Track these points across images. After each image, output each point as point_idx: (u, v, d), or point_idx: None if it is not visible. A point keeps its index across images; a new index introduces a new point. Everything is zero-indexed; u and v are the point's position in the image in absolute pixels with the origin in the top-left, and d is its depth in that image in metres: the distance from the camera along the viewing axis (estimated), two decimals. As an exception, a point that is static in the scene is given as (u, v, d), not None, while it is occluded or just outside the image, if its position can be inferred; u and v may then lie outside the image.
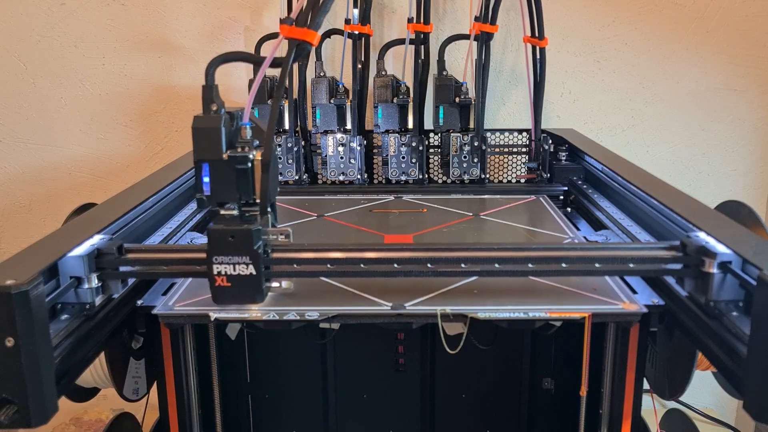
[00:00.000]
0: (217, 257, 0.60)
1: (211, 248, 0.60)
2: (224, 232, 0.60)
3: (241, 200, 0.63)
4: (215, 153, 0.61)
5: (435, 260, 0.63)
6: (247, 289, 0.62)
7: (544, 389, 1.00)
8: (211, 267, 0.61)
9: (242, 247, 0.60)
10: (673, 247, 0.63)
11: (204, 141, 0.61)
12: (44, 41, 1.31)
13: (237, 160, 0.61)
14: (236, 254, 0.60)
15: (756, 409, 0.51)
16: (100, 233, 0.66)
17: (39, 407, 0.51)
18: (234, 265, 0.61)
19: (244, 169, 0.61)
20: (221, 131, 0.61)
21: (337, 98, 1.13)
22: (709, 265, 0.59)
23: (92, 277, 0.61)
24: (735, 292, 0.58)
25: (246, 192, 0.62)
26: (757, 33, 1.26)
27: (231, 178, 0.62)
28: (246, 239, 0.60)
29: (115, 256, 0.62)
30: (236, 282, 0.61)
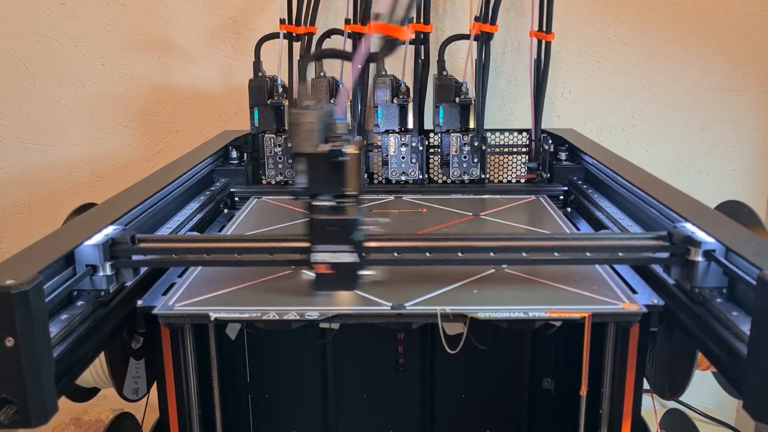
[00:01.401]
0: (318, 246, 0.64)
1: (313, 237, 0.64)
2: (326, 222, 0.63)
3: (333, 191, 0.65)
4: (311, 146, 0.64)
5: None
6: (347, 277, 0.65)
7: (544, 389, 1.00)
8: (312, 255, 0.64)
9: (343, 236, 0.63)
10: (660, 236, 0.66)
11: (301, 135, 0.64)
12: (44, 41, 1.31)
13: (333, 153, 0.63)
14: (337, 243, 0.63)
15: (756, 409, 0.51)
16: (113, 224, 0.68)
17: (39, 407, 0.51)
18: (334, 253, 0.64)
19: (339, 162, 0.64)
20: (317, 126, 0.64)
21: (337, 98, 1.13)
22: (694, 254, 0.62)
23: (107, 265, 0.63)
24: (719, 280, 0.61)
25: (340, 183, 0.65)
26: (757, 33, 1.26)
27: (326, 171, 0.64)
28: (347, 228, 0.63)
29: (129, 246, 0.65)
30: (337, 270, 0.64)
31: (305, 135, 0.64)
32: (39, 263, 0.55)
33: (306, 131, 0.64)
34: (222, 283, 0.70)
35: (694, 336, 0.61)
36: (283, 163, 1.14)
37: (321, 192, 0.65)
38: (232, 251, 0.67)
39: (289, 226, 0.92)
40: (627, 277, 0.73)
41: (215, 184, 1.06)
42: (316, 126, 0.63)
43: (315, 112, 0.64)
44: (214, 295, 0.68)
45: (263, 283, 0.71)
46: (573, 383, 0.85)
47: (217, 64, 1.31)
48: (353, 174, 0.65)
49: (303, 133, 0.64)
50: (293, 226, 0.92)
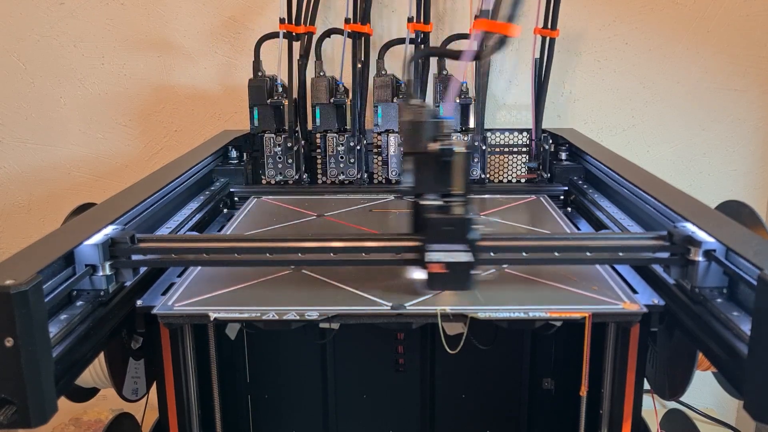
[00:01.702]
0: (433, 245, 0.63)
1: (428, 236, 0.63)
2: (442, 221, 0.63)
3: (441, 190, 0.65)
4: (420, 146, 0.63)
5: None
6: (460, 276, 0.64)
7: (544, 389, 1.00)
8: (426, 254, 0.63)
9: (459, 235, 0.63)
10: (660, 236, 0.66)
11: (410, 134, 0.64)
12: (43, 41, 1.30)
13: (444, 152, 0.63)
14: (452, 242, 0.63)
15: (756, 409, 0.51)
16: (112, 224, 0.68)
17: (38, 407, 0.51)
18: (449, 253, 0.63)
19: (449, 161, 0.63)
20: (426, 125, 0.64)
21: (337, 98, 1.12)
22: (694, 254, 0.62)
23: (106, 265, 0.63)
24: (719, 279, 0.61)
25: (448, 182, 0.64)
26: (757, 33, 1.26)
27: (434, 170, 0.64)
28: (463, 228, 0.63)
29: (128, 245, 0.64)
30: (451, 269, 0.63)
31: (415, 134, 0.63)
32: (38, 263, 0.55)
33: (416, 130, 0.63)
34: (222, 282, 0.70)
35: (694, 336, 0.61)
36: (283, 162, 1.14)
37: (428, 191, 0.65)
38: (232, 251, 0.67)
39: (288, 226, 0.92)
40: (627, 277, 0.73)
41: (215, 183, 1.06)
42: (425, 125, 0.63)
43: (424, 111, 0.64)
44: (213, 294, 0.68)
45: (263, 283, 0.71)
46: (573, 383, 0.85)
47: (217, 64, 1.31)
48: (461, 173, 0.64)
49: (413, 132, 0.63)
50: (292, 227, 0.92)
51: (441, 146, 0.63)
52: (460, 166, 0.64)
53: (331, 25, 1.25)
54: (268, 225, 0.92)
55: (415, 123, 0.64)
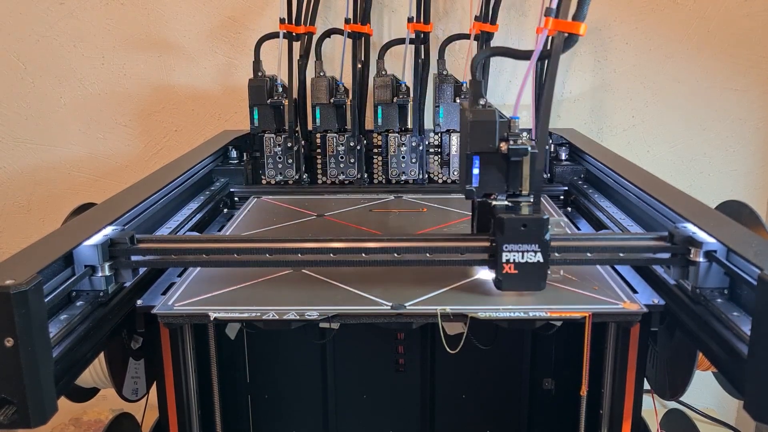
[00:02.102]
0: (507, 245, 0.62)
1: (503, 236, 0.62)
2: (517, 221, 0.62)
3: (508, 191, 0.65)
4: (489, 145, 0.63)
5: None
6: (533, 277, 0.63)
7: (545, 389, 1.00)
8: (501, 254, 0.63)
9: (533, 235, 0.62)
10: (661, 237, 0.66)
11: (479, 134, 0.63)
12: (43, 41, 1.30)
13: (516, 152, 0.63)
14: (526, 242, 0.62)
15: (756, 409, 0.51)
16: (112, 224, 0.68)
17: (38, 407, 0.51)
18: (523, 253, 0.62)
19: (518, 161, 0.63)
20: (497, 125, 0.63)
21: (337, 98, 1.12)
22: (695, 254, 0.62)
23: (105, 265, 0.63)
24: (720, 280, 0.61)
25: (516, 183, 0.64)
26: (758, 33, 1.26)
27: (502, 170, 0.64)
28: (538, 228, 0.62)
29: (128, 246, 0.64)
30: (523, 270, 0.63)
31: (484, 134, 0.63)
32: (38, 263, 0.55)
33: (485, 130, 0.63)
34: (222, 282, 0.70)
35: (694, 336, 0.61)
36: (283, 162, 1.14)
37: (495, 191, 0.65)
38: (231, 252, 0.66)
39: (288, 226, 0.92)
40: (628, 276, 0.73)
41: (215, 183, 1.06)
42: (494, 125, 0.63)
43: (493, 111, 0.63)
44: (213, 294, 0.68)
45: (263, 282, 0.71)
46: (573, 383, 0.85)
47: (217, 64, 1.31)
48: (530, 173, 0.64)
49: (482, 132, 0.63)
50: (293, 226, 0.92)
51: (512, 146, 0.63)
52: (530, 167, 0.64)
53: (331, 25, 1.25)
54: (269, 225, 0.92)
55: (486, 123, 0.63)
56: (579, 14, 0.61)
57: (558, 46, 0.63)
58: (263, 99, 1.12)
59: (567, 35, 0.62)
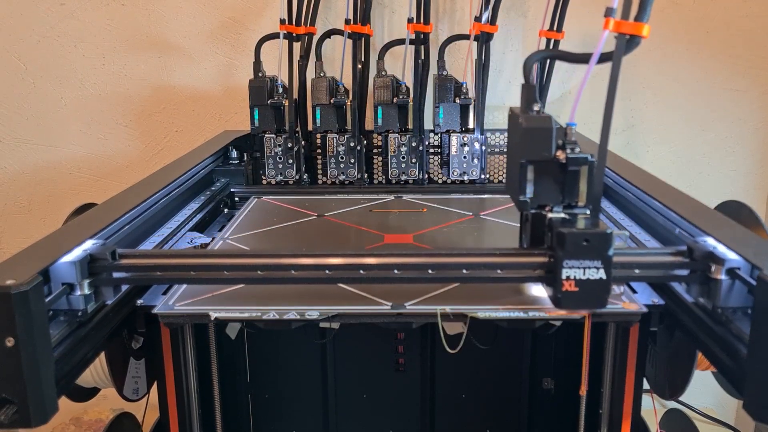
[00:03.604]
0: (568, 261, 0.57)
1: (564, 252, 0.57)
2: (579, 236, 0.57)
3: (564, 202, 0.61)
4: (545, 154, 0.59)
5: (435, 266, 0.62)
6: (594, 295, 0.58)
7: (544, 389, 1.00)
8: (561, 271, 0.57)
9: (596, 251, 0.57)
10: (679, 252, 0.61)
11: (534, 142, 0.59)
12: (44, 41, 1.31)
13: (574, 161, 0.59)
14: (588, 258, 0.57)
15: (756, 409, 0.51)
16: (93, 238, 0.64)
17: (39, 407, 0.51)
18: (584, 270, 0.58)
19: (576, 170, 0.60)
20: (553, 132, 0.59)
21: (337, 98, 1.13)
22: (716, 271, 0.57)
23: (84, 283, 0.58)
24: (743, 299, 0.57)
25: (573, 194, 0.60)
26: (758, 33, 1.26)
27: (558, 180, 0.60)
28: (602, 243, 0.57)
29: (109, 262, 0.60)
30: (584, 287, 0.58)
31: (539, 142, 0.59)
32: (39, 263, 0.55)
33: (540, 138, 0.59)
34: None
35: (694, 336, 0.61)
36: (283, 163, 1.14)
37: (550, 203, 0.61)
38: (221, 268, 0.61)
39: (289, 226, 0.92)
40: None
41: (215, 184, 1.06)
42: (551, 132, 0.59)
43: (549, 117, 0.59)
44: (214, 294, 0.68)
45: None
46: (573, 383, 0.85)
47: (217, 64, 1.31)
48: (589, 184, 0.60)
49: (537, 140, 0.59)
50: (293, 227, 0.92)
51: (570, 154, 0.59)
52: (590, 177, 0.59)
53: (332, 25, 1.25)
54: (269, 225, 0.92)
55: (542, 130, 0.59)
56: (642, 15, 0.58)
57: (620, 48, 0.59)
58: (264, 99, 1.12)
59: (629, 37, 0.59)
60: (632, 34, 0.59)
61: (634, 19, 0.58)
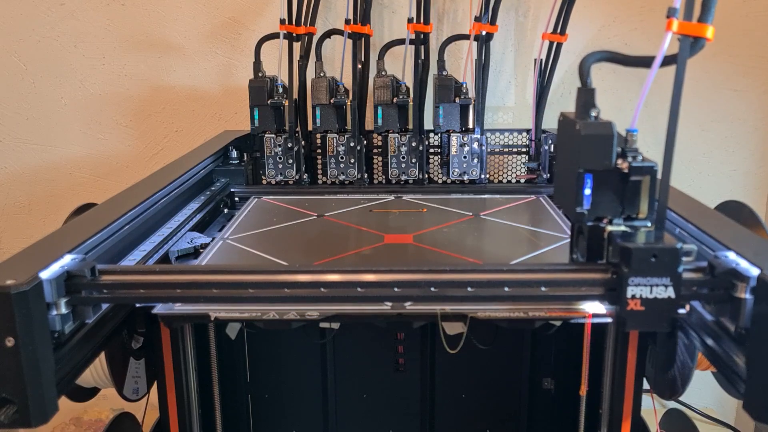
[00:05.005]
0: (634, 278, 0.54)
1: (630, 269, 0.54)
2: (647, 251, 0.53)
3: (623, 214, 0.58)
4: (605, 163, 0.56)
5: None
6: (662, 314, 0.54)
7: (544, 389, 1.00)
8: (626, 289, 0.54)
9: (665, 267, 0.54)
10: (699, 268, 0.56)
11: (593, 150, 0.56)
12: (44, 41, 1.31)
13: (638, 170, 0.56)
14: (656, 275, 0.54)
15: (756, 409, 0.51)
16: (72, 252, 0.59)
17: (39, 407, 0.51)
18: (651, 287, 0.54)
19: (638, 180, 0.56)
20: (614, 139, 0.56)
21: (337, 98, 1.13)
22: (740, 290, 0.53)
23: (61, 302, 0.54)
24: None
25: (634, 205, 0.57)
26: (758, 32, 1.26)
27: (618, 190, 0.57)
28: (671, 259, 0.53)
29: (87, 279, 0.56)
30: (650, 306, 0.54)
31: (598, 150, 0.55)
32: (39, 263, 0.55)
33: (600, 146, 0.55)
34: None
35: (694, 336, 0.61)
36: (283, 163, 1.14)
37: (609, 215, 0.57)
38: (209, 286, 0.57)
39: (289, 227, 0.92)
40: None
41: (215, 184, 1.06)
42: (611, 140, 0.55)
43: (609, 123, 0.56)
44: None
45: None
46: (573, 383, 0.86)
47: (217, 65, 1.31)
48: (650, 193, 0.56)
49: (595, 148, 0.55)
50: (293, 227, 0.92)
51: (633, 163, 0.56)
52: (652, 187, 0.56)
53: (332, 25, 1.25)
54: (269, 225, 0.92)
55: (602, 137, 0.56)
56: (705, 16, 0.55)
57: (684, 51, 0.57)
58: (264, 99, 1.12)
59: (693, 39, 0.56)
60: (696, 35, 0.56)
61: (697, 20, 0.55)
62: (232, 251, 0.81)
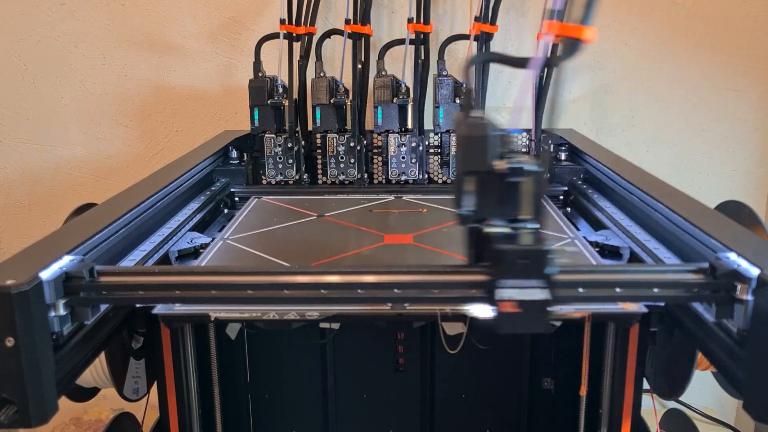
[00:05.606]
0: (504, 281, 0.54)
1: (499, 270, 0.54)
2: (516, 253, 0.53)
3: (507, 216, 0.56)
4: (483, 164, 0.55)
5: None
6: (536, 317, 0.54)
7: (544, 389, 1.00)
8: (499, 291, 0.54)
9: (536, 269, 0.53)
10: (701, 269, 0.56)
11: (471, 150, 0.55)
12: (44, 41, 1.31)
13: (514, 171, 0.54)
14: (527, 277, 0.53)
15: (756, 409, 0.51)
16: (71, 253, 0.59)
17: (39, 407, 0.51)
18: (523, 290, 0.54)
19: (518, 182, 0.55)
20: (488, 139, 0.55)
21: (337, 98, 1.13)
22: (742, 291, 0.53)
23: (59, 304, 0.54)
24: None
25: (515, 207, 0.56)
26: (757, 33, 1.26)
27: (500, 192, 0.55)
28: (540, 261, 0.53)
29: (86, 281, 0.55)
30: (526, 308, 0.54)
31: (477, 150, 0.54)
32: (39, 263, 0.55)
33: (478, 146, 0.54)
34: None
35: (694, 336, 0.61)
36: (283, 163, 1.14)
37: (492, 216, 0.56)
38: (208, 287, 0.57)
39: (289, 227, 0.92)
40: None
41: (215, 184, 1.06)
42: (489, 140, 0.55)
43: (486, 124, 0.55)
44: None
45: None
46: (573, 383, 0.86)
47: (217, 65, 1.31)
48: (533, 196, 0.55)
49: (474, 148, 0.54)
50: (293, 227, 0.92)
51: (510, 165, 0.54)
52: (534, 188, 0.55)
53: (332, 25, 1.25)
54: (269, 225, 0.92)
55: (478, 138, 0.55)
56: (585, 17, 0.55)
57: (562, 53, 0.57)
58: (264, 99, 1.12)
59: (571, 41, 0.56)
60: (574, 37, 0.55)
61: (576, 23, 0.55)
62: (232, 251, 0.81)
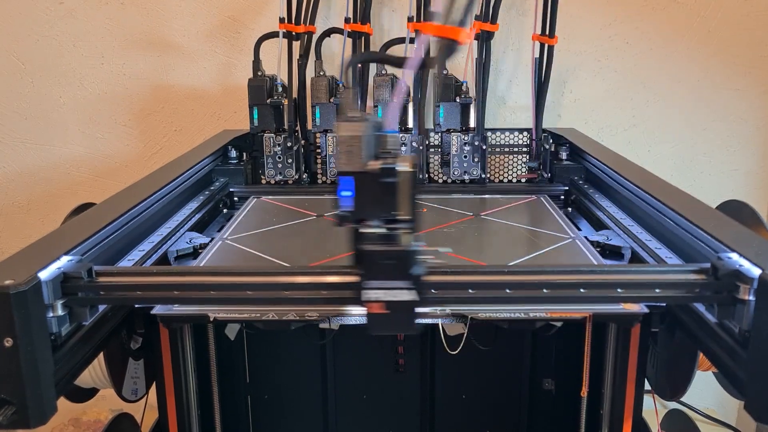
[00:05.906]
0: (370, 282, 0.54)
1: (365, 272, 0.54)
2: (380, 254, 0.54)
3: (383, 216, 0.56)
4: (357, 164, 0.55)
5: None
6: (405, 317, 0.55)
7: (545, 390, 1.00)
8: (364, 293, 0.54)
9: (402, 270, 0.54)
10: (702, 270, 0.56)
11: (345, 150, 0.55)
12: (43, 41, 1.30)
13: (385, 171, 0.54)
14: (393, 278, 0.54)
15: (757, 409, 0.50)
16: (69, 253, 0.59)
17: (37, 408, 0.50)
18: (390, 290, 0.54)
19: (393, 182, 0.55)
20: (364, 139, 0.55)
21: (337, 97, 1.12)
22: (744, 292, 0.53)
23: (57, 304, 0.54)
24: None
25: (391, 207, 0.56)
26: (758, 32, 1.26)
27: (376, 193, 0.55)
28: (406, 261, 0.54)
29: (84, 281, 0.56)
30: (393, 309, 0.54)
31: (351, 151, 0.55)
32: (38, 263, 0.55)
33: (352, 146, 0.55)
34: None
35: (695, 336, 0.61)
36: (283, 162, 1.13)
37: (369, 217, 0.56)
38: (207, 288, 0.57)
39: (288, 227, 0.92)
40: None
41: (214, 183, 1.06)
42: (363, 140, 0.55)
43: (362, 124, 0.55)
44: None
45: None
46: (574, 384, 0.85)
47: (217, 64, 1.31)
48: (408, 195, 0.55)
49: (348, 149, 0.55)
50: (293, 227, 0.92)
51: (383, 165, 0.54)
52: (408, 188, 0.55)
53: (331, 24, 1.24)
54: (268, 225, 0.92)
55: (351, 138, 0.54)
56: (462, 19, 0.56)
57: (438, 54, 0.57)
58: (263, 98, 1.12)
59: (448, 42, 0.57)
60: (451, 38, 0.57)
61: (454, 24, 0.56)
62: (232, 251, 0.81)
